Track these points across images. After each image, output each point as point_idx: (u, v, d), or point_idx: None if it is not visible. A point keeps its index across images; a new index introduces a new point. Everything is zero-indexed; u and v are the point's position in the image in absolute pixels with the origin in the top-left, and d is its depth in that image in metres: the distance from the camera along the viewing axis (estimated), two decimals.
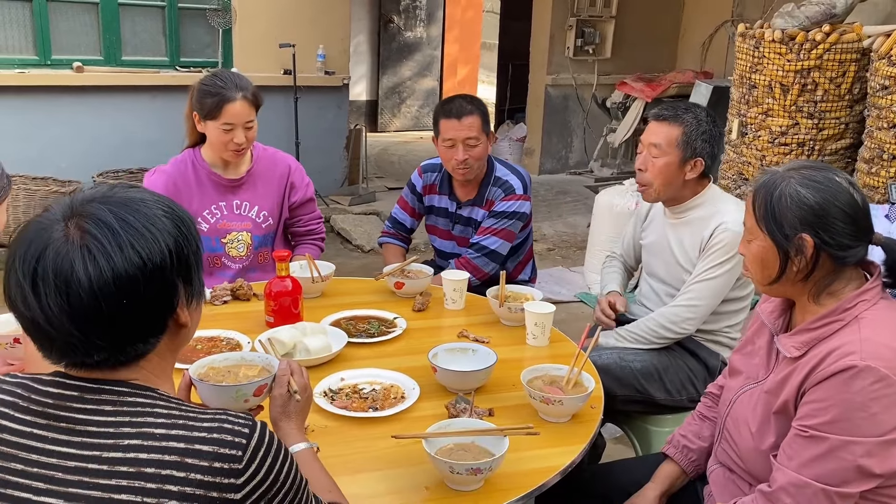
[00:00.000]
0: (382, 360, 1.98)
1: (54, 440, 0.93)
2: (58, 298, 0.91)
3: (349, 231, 5.71)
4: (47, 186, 4.88)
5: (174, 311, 1.01)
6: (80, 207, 0.96)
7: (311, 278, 2.43)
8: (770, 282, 1.49)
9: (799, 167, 1.48)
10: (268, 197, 2.71)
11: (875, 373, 1.31)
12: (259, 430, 0.97)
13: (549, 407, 1.68)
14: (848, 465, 1.33)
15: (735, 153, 5.22)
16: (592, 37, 7.30)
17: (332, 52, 6.18)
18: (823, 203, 1.40)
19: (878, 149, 4.40)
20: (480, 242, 2.72)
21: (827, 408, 1.35)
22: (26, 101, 5.10)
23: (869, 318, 1.40)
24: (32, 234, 0.95)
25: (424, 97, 9.95)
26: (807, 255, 1.42)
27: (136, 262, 0.94)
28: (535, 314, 2.10)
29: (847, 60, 4.64)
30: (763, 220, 1.46)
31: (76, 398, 0.96)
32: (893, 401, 1.31)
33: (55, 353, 0.97)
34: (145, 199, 1.00)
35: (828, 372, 1.36)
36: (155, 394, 0.99)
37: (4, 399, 0.98)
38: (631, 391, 2.23)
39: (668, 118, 2.24)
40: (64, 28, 5.32)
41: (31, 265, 0.93)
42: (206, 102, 2.51)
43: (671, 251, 2.33)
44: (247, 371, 1.63)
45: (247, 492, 0.93)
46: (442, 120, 2.69)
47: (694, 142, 2.21)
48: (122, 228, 0.94)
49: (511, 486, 1.47)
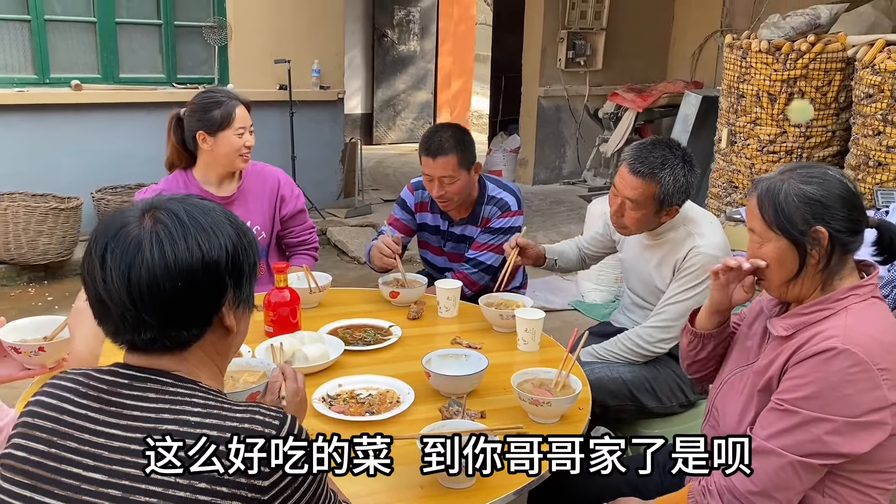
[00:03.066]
0: (378, 367, 2.04)
1: (104, 422, 1.03)
2: (120, 275, 1.01)
3: (345, 243, 5.78)
4: (47, 203, 4.94)
5: (220, 308, 1.09)
6: (159, 203, 1.08)
7: (309, 289, 2.49)
8: (789, 279, 1.55)
9: (794, 168, 1.56)
10: (259, 211, 2.77)
11: (853, 356, 1.39)
12: (290, 422, 1.04)
13: (538, 408, 1.74)
14: (814, 439, 1.41)
15: (725, 162, 5.30)
16: (583, 49, 7.40)
17: (327, 66, 6.26)
18: (827, 195, 1.49)
19: (863, 156, 4.48)
20: (477, 258, 2.78)
21: (804, 384, 1.43)
22: (26, 120, 5.17)
23: (856, 309, 1.48)
24: (112, 219, 1.07)
25: (419, 110, 10.04)
26: (823, 246, 1.49)
27: (196, 254, 1.04)
28: (526, 320, 2.17)
29: (832, 69, 4.73)
30: (775, 223, 1.53)
31: (126, 385, 1.06)
32: (867, 386, 1.39)
33: (111, 328, 1.07)
34: (215, 208, 1.11)
35: (810, 352, 1.44)
36: (196, 386, 1.07)
37: (68, 385, 1.09)
38: (623, 401, 2.29)
39: (644, 175, 2.15)
40: (62, 47, 5.39)
41: (104, 242, 1.04)
42: (215, 115, 2.58)
43: (647, 271, 2.37)
44: (248, 377, 1.69)
45: (275, 479, 0.99)
46: (421, 154, 2.70)
47: (670, 197, 2.17)
48: (190, 223, 1.06)
49: (501, 484, 1.52)
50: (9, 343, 1.63)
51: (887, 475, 1.48)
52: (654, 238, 2.33)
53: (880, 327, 1.46)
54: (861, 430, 1.40)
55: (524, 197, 2.92)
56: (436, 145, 2.64)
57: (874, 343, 1.41)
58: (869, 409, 1.39)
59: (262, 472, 0.98)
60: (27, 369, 1.67)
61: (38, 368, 1.67)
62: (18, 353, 1.64)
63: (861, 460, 1.43)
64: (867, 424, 1.40)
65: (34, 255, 4.84)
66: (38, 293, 4.83)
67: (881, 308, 1.52)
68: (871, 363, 1.39)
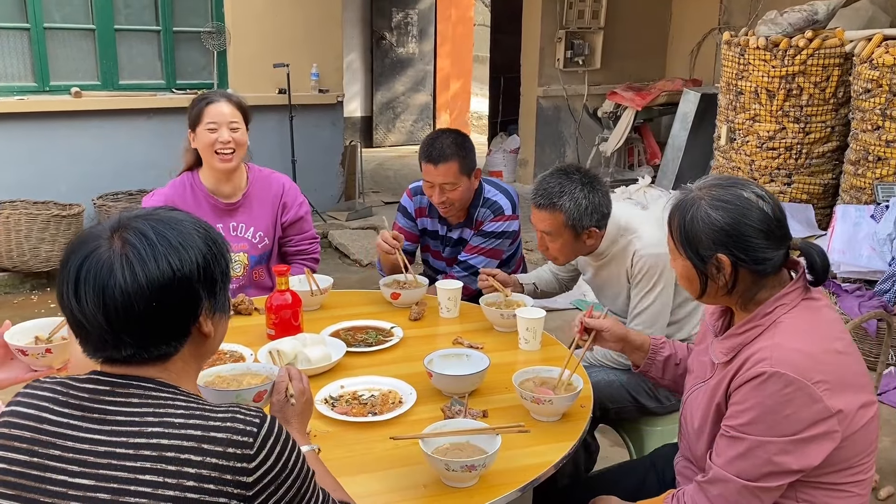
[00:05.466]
0: (380, 368, 2.05)
1: (88, 429, 1.05)
2: (95, 298, 1.04)
3: (347, 246, 5.78)
4: (48, 210, 4.95)
5: (197, 319, 1.11)
6: (127, 222, 1.09)
7: (311, 291, 2.50)
8: (697, 296, 1.57)
9: (709, 185, 1.53)
10: (263, 217, 2.77)
11: (784, 378, 1.38)
12: (269, 421, 1.06)
13: (539, 407, 1.75)
14: (765, 462, 1.41)
15: (724, 159, 5.30)
16: (582, 48, 7.40)
17: (326, 70, 6.27)
18: (734, 223, 1.46)
19: (863, 150, 4.48)
20: (468, 261, 2.77)
21: (744, 410, 1.43)
22: (26, 127, 5.19)
23: (785, 323, 1.46)
24: (82, 242, 1.08)
25: (419, 112, 10.05)
26: (726, 274, 1.48)
27: (167, 273, 1.05)
28: (527, 319, 2.17)
29: (830, 65, 4.73)
30: (680, 243, 1.53)
31: (108, 392, 1.07)
32: (805, 402, 1.38)
33: (90, 347, 1.09)
34: (183, 220, 1.12)
35: (745, 377, 1.44)
36: (177, 390, 1.09)
37: (45, 395, 1.10)
38: (623, 403, 2.30)
39: (545, 206, 2.16)
40: (62, 55, 5.41)
41: (75, 268, 1.05)
42: (192, 112, 2.62)
43: (610, 288, 2.37)
44: (251, 380, 1.70)
45: (258, 476, 1.02)
46: (422, 160, 2.68)
47: (580, 220, 2.16)
48: (159, 242, 1.07)
49: (504, 482, 1.53)
50: (16, 346, 1.64)
51: (857, 468, 1.47)
52: (599, 258, 2.33)
53: (811, 337, 1.43)
54: (808, 445, 1.39)
55: (525, 196, 2.90)
56: (437, 152, 2.62)
57: (804, 358, 1.40)
58: (811, 422, 1.38)
59: (245, 469, 1.01)
60: (34, 371, 1.68)
61: (44, 370, 1.67)
62: (26, 356, 1.64)
63: (824, 465, 1.43)
64: (813, 438, 1.39)
65: (36, 262, 4.86)
66: (40, 301, 4.84)
67: (813, 311, 1.49)
68: (805, 380, 1.37)
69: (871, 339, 3.69)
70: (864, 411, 1.44)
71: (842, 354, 1.44)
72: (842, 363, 1.43)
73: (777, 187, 5.01)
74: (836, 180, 4.98)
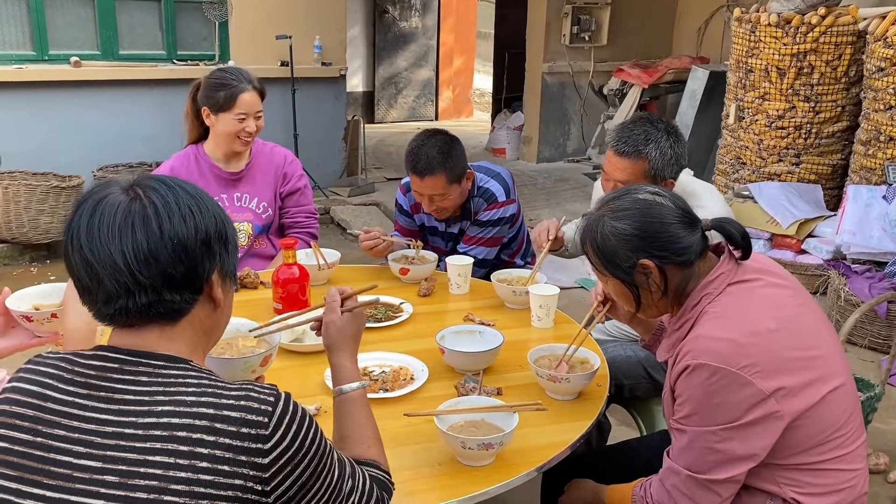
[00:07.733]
0: (391, 344, 2.01)
1: (94, 408, 0.99)
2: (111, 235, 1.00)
3: (349, 222, 5.73)
4: (48, 181, 4.89)
5: (210, 276, 1.07)
6: (140, 179, 1.06)
7: (318, 266, 2.46)
8: (635, 310, 1.55)
9: (606, 202, 1.54)
10: (266, 188, 2.81)
11: (707, 368, 1.37)
12: (284, 399, 1.01)
13: (556, 385, 1.71)
14: (708, 452, 1.40)
15: (733, 137, 5.24)
16: (588, 24, 7.30)
17: (329, 43, 6.18)
18: (642, 225, 1.46)
19: (874, 130, 4.42)
20: (468, 253, 2.68)
21: (682, 403, 1.44)
22: (25, 97, 5.11)
23: (709, 312, 1.45)
24: (97, 189, 1.05)
25: (421, 87, 9.95)
26: (655, 278, 1.47)
27: (187, 215, 1.04)
28: (541, 296, 2.13)
29: (843, 43, 4.66)
30: (602, 265, 1.52)
31: (116, 370, 1.02)
32: (733, 388, 1.36)
33: (101, 298, 1.02)
34: (195, 186, 1.12)
35: (675, 372, 1.45)
36: (187, 365, 1.04)
37: (49, 371, 1.04)
38: (638, 380, 2.26)
39: (630, 154, 2.10)
40: (61, 23, 5.32)
41: (88, 211, 1.02)
42: (220, 95, 2.61)
43: None
44: (245, 341, 1.66)
45: (274, 456, 0.97)
46: (408, 170, 2.57)
47: (662, 170, 2.11)
48: (180, 187, 1.07)
49: (521, 462, 1.50)
50: (20, 312, 1.59)
51: (830, 444, 1.44)
52: None
53: (734, 323, 1.41)
54: (750, 429, 1.37)
55: (530, 175, 2.83)
56: (422, 164, 2.48)
57: (727, 346, 1.38)
58: (748, 407, 1.36)
59: (261, 450, 0.96)
60: (38, 337, 1.63)
61: (49, 336, 1.63)
62: (30, 321, 1.59)
63: (787, 447, 1.41)
64: (754, 422, 1.37)
65: (36, 234, 4.81)
66: (40, 272, 4.80)
67: (741, 294, 1.47)
68: (729, 367, 1.36)
69: (882, 321, 3.66)
70: (816, 387, 1.41)
71: (775, 332, 1.41)
72: (775, 341, 1.40)
73: (785, 167, 4.95)
74: (845, 161, 4.92)
